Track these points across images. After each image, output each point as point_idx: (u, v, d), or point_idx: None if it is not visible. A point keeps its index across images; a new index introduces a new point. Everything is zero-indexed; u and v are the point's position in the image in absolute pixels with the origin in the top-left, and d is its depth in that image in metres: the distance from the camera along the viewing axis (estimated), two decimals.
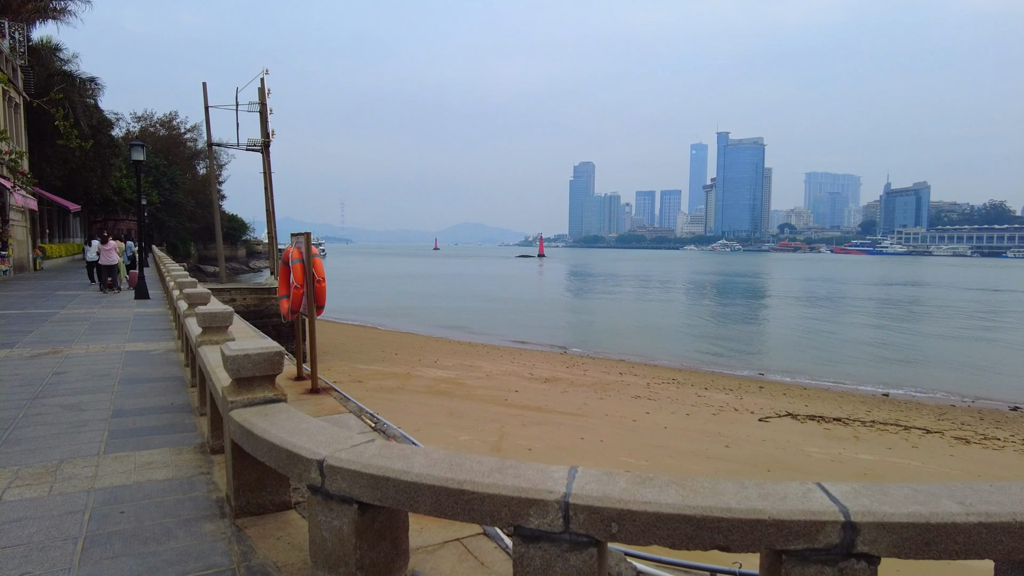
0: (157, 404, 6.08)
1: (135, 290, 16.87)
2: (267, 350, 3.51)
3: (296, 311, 6.77)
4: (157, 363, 8.19)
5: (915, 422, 17.26)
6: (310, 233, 6.52)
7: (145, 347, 9.39)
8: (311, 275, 6.55)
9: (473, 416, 16.06)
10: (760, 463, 13.09)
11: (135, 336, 10.48)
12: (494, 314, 43.38)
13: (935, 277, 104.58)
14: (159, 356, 8.70)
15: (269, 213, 26.62)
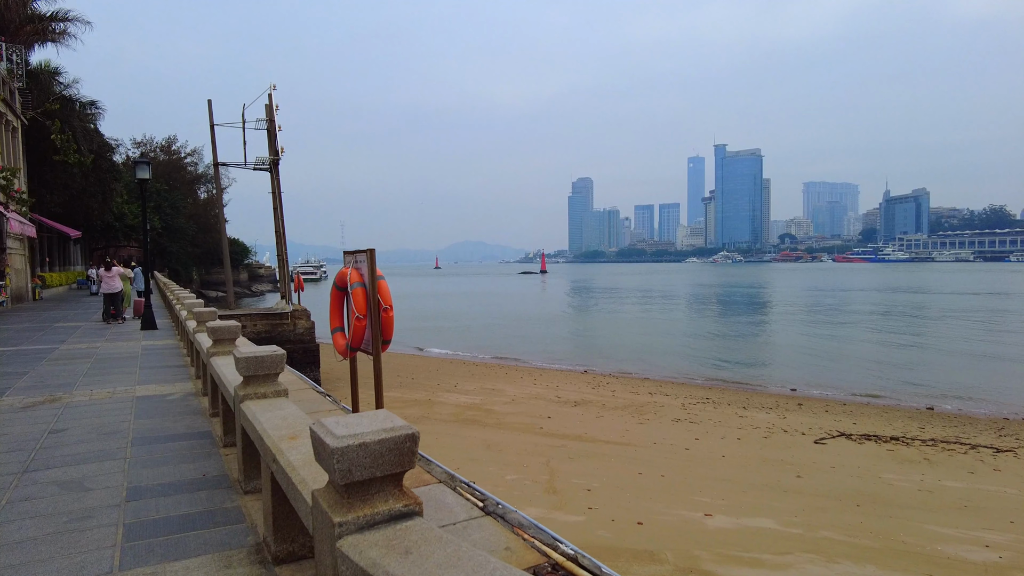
0: (184, 476, 4.64)
1: (141, 320, 15.48)
2: (393, 432, 2.11)
3: (357, 348, 5.37)
4: (175, 412, 6.76)
5: (976, 439, 16.30)
6: (374, 249, 5.14)
7: (159, 390, 7.96)
8: (375, 302, 5.15)
9: (512, 449, 14.64)
10: (844, 496, 11.74)
11: (146, 376, 9.04)
12: (503, 332, 42.57)
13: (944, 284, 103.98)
14: (177, 403, 7.27)
15: (279, 234, 25.29)
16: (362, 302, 5.13)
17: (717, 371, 27.01)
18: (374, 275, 5.14)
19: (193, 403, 7.24)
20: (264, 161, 24.81)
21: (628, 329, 43.96)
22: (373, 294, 5.13)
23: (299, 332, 25.10)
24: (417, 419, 18.10)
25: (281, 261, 25.31)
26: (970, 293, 77.02)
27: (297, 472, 2.74)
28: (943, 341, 34.00)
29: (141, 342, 13.14)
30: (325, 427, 2.18)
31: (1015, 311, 52.78)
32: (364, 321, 5.13)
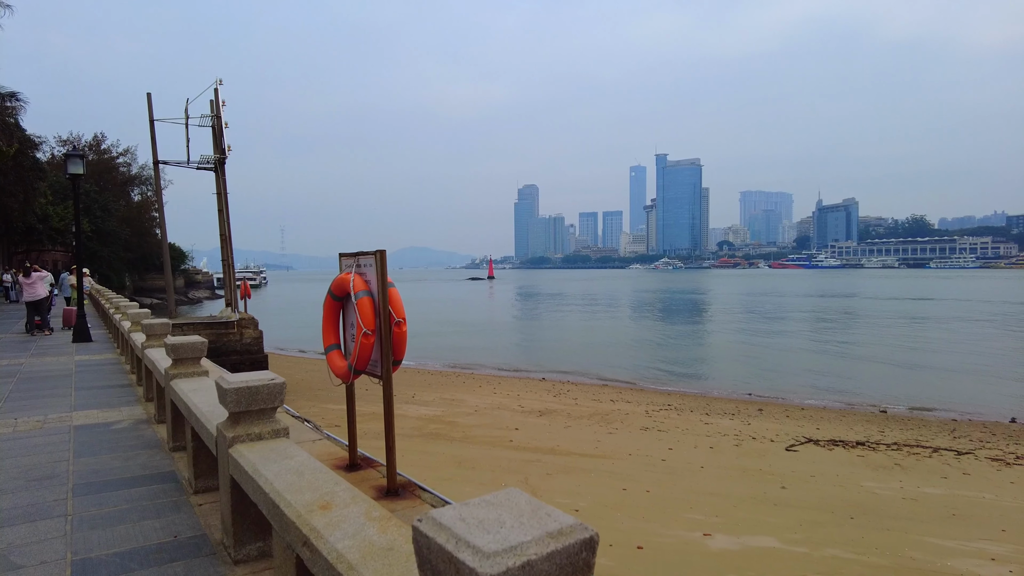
0: (149, 539, 3.59)
1: (73, 331, 13.87)
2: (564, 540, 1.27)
3: (362, 370, 4.42)
4: (126, 446, 5.62)
5: (935, 441, 16.70)
6: (384, 251, 4.22)
7: (102, 417, 6.74)
8: (386, 315, 4.23)
9: (485, 466, 13.79)
10: (834, 508, 11.45)
11: (85, 399, 7.75)
12: (454, 340, 41.74)
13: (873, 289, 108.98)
14: (126, 433, 6.10)
15: (225, 238, 23.63)
16: (370, 314, 4.20)
17: (670, 376, 27.04)
18: (385, 282, 4.23)
19: (147, 433, 6.08)
20: (209, 160, 23.16)
21: (578, 335, 43.89)
22: (384, 305, 4.21)
23: (246, 342, 23.52)
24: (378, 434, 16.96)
25: (227, 266, 23.66)
26: (897, 299, 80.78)
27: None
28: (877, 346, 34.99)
29: (74, 357, 11.63)
30: (454, 534, 1.31)
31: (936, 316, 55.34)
32: (373, 338, 4.21)
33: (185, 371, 5.40)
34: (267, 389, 3.35)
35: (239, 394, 3.26)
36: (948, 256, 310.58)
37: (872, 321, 50.41)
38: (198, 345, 5.46)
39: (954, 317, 51.87)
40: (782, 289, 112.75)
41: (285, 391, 3.43)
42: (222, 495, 3.45)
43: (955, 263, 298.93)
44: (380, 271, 4.26)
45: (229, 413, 3.34)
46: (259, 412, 3.37)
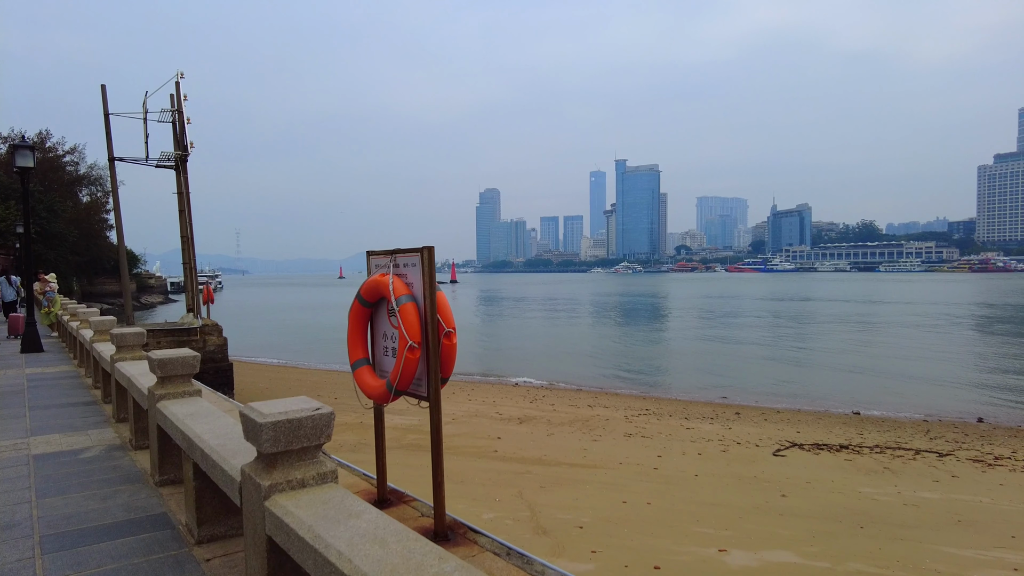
0: None
1: (22, 340, 12.59)
2: None
3: (403, 390, 3.67)
4: (101, 480, 4.73)
5: (914, 443, 17.02)
6: (432, 248, 3.50)
7: (67, 443, 5.79)
8: (435, 324, 3.50)
9: (475, 479, 13.11)
10: (840, 516, 11.18)
11: (43, 421, 6.74)
12: None
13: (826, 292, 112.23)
14: (98, 463, 5.19)
15: (186, 239, 22.30)
16: (416, 324, 3.46)
17: (639, 381, 26.91)
18: (433, 285, 3.50)
19: (123, 463, 5.18)
20: (170, 157, 21.82)
21: (545, 340, 43.67)
22: (432, 313, 3.49)
23: (210, 350, 22.23)
24: (356, 447, 16.21)
25: (189, 270, 22.32)
26: (850, 301, 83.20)
27: None
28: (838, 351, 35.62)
29: (24, 370, 10.45)
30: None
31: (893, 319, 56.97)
32: (419, 352, 3.48)
33: (175, 391, 4.56)
34: (311, 422, 2.61)
35: (278, 430, 2.51)
36: (896, 260, 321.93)
37: (831, 325, 51.47)
38: (189, 360, 4.62)
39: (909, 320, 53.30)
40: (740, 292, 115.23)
41: (333, 423, 2.69)
42: (253, 558, 2.67)
43: (903, 267, 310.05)
44: (427, 272, 3.53)
45: (262, 453, 2.58)
46: (301, 452, 2.62)
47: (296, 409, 2.62)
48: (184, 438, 3.69)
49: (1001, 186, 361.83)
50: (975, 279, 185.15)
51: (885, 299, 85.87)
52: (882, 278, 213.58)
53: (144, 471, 4.98)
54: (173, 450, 4.61)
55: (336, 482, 2.68)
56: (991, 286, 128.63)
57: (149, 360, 4.59)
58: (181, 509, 4.11)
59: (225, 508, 3.60)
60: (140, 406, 5.43)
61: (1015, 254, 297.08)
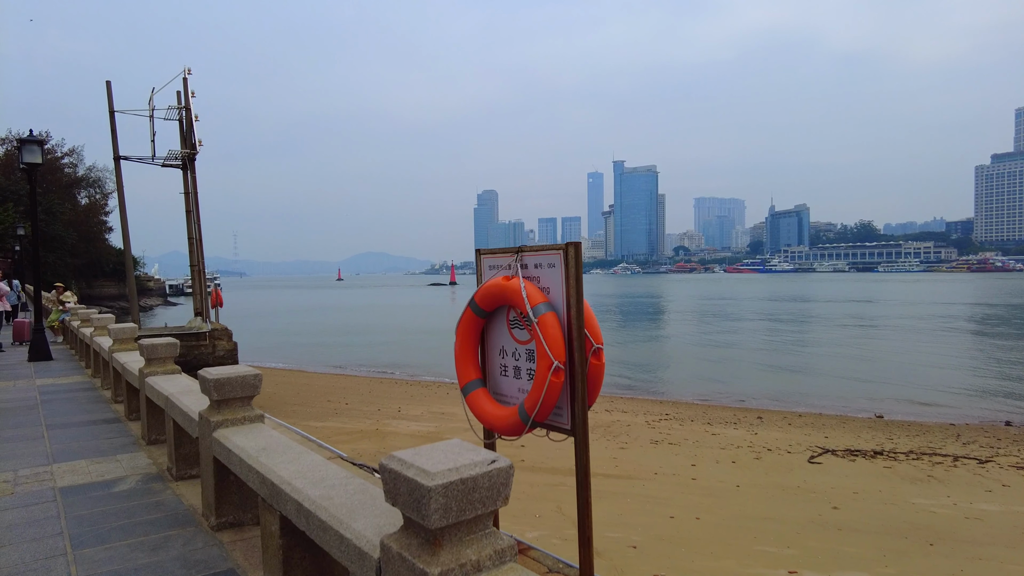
0: None
1: (30, 348, 11.81)
2: None
3: (541, 421, 2.94)
4: (145, 523, 3.98)
5: (948, 448, 16.35)
6: (580, 243, 2.77)
7: (95, 472, 5.03)
8: (581, 340, 2.77)
9: None
10: (904, 531, 10.45)
11: (64, 443, 5.97)
12: (422, 347, 40.24)
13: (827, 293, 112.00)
14: (136, 499, 4.44)
15: (194, 241, 21.52)
16: (559, 339, 2.74)
17: (648, 384, 26.22)
18: (580, 291, 2.78)
19: (166, 498, 4.42)
20: (177, 155, 21.05)
21: None
22: (579, 325, 2.76)
23: (219, 355, 21.45)
24: (374, 455, 15.42)
25: (199, 272, 21.54)
26: (851, 301, 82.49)
27: None
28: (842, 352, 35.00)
29: (35, 380, 9.67)
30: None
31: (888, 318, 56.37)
32: (564, 374, 2.75)
33: (234, 416, 3.81)
34: (487, 480, 1.87)
35: (451, 495, 1.76)
36: (895, 260, 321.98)
37: (835, 326, 50.97)
38: (251, 380, 3.88)
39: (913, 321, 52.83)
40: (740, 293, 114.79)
41: (512, 479, 1.95)
42: None
43: (901, 267, 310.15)
44: (573, 275, 2.80)
45: (427, 527, 1.84)
46: (473, 522, 1.89)
47: (466, 463, 1.88)
48: (264, 483, 2.95)
49: (999, 186, 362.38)
50: (974, 279, 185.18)
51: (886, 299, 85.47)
52: (881, 278, 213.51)
53: (192, 509, 4.23)
54: (232, 486, 3.87)
55: (515, 560, 1.95)
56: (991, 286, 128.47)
57: (202, 380, 3.85)
58: (251, 563, 3.36)
59: (322, 571, 2.86)
60: (183, 430, 4.68)
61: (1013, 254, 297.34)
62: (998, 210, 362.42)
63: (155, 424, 5.88)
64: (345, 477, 2.79)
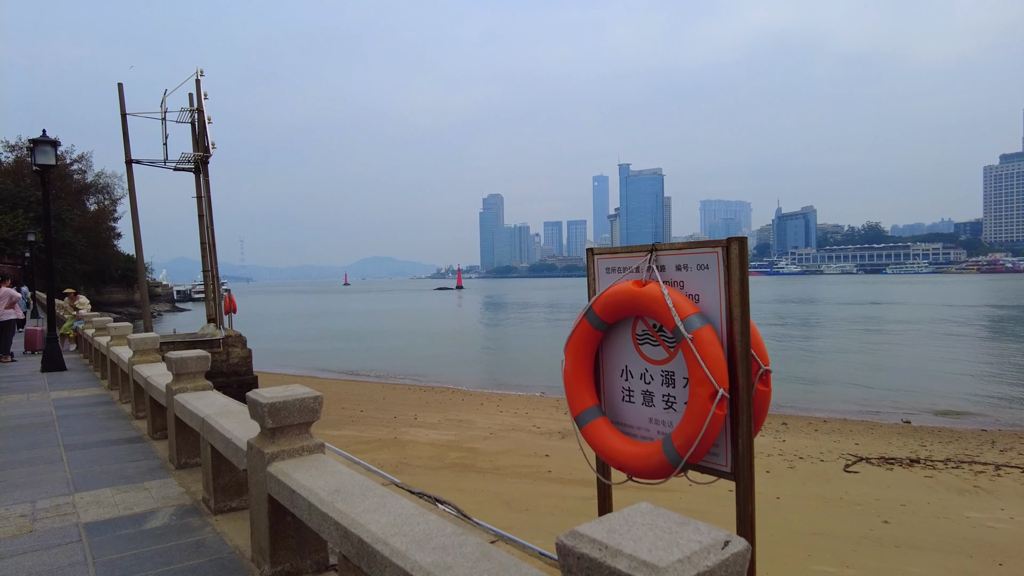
0: None
1: (43, 358, 11.28)
2: None
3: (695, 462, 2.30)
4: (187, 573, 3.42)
5: (986, 456, 15.78)
6: (745, 239, 2.18)
7: (122, 503, 4.47)
8: (747, 362, 2.16)
9: (540, 506, 11.72)
10: (966, 549, 9.81)
11: (85, 468, 5.41)
12: (432, 352, 39.86)
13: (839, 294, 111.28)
14: (172, 537, 3.87)
15: (207, 246, 21.00)
16: (720, 360, 2.16)
17: None
18: (746, 299, 2.20)
19: (207, 537, 3.84)
20: (190, 159, 20.56)
21: (557, 346, 42.80)
22: (745, 343, 2.18)
23: (234, 362, 20.92)
24: (396, 466, 14.84)
25: (212, 278, 21.02)
26: (863, 303, 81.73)
27: None
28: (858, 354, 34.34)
29: (49, 393, 9.13)
30: None
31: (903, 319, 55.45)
32: (726, 403, 2.17)
33: (292, 447, 3.24)
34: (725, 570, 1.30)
35: None
36: (903, 262, 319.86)
37: (849, 329, 50.37)
38: (309, 404, 3.31)
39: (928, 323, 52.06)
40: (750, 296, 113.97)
41: None
42: None
43: (910, 268, 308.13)
44: (737, 280, 2.23)
45: None
46: None
47: (695, 548, 1.31)
48: (347, 538, 2.37)
49: (1008, 186, 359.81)
50: (985, 280, 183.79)
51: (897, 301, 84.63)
52: (891, 280, 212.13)
53: (239, 552, 3.65)
54: (290, 528, 3.30)
55: None
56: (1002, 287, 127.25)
57: (253, 404, 3.28)
58: None
59: None
60: (223, 457, 4.11)
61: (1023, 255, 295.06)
62: (1007, 210, 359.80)
63: (186, 447, 5.32)
64: (454, 534, 2.22)
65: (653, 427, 2.59)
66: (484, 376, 30.20)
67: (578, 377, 2.72)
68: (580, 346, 2.70)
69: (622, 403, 2.72)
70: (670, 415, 2.49)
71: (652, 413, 2.58)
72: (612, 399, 2.77)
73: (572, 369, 2.74)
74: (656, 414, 2.57)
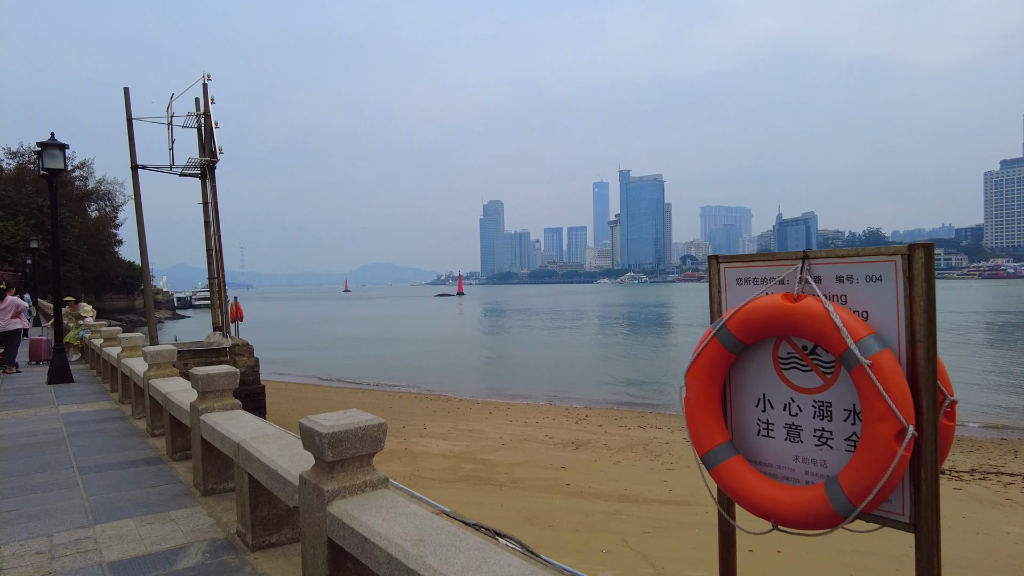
0: None
1: (49, 369, 10.85)
2: None
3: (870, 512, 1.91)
4: None
5: (1011, 467, 15.52)
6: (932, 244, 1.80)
7: (148, 536, 4.05)
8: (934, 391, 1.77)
9: (563, 521, 11.27)
10: (1021, 569, 9.35)
11: (103, 494, 4.99)
12: (435, 359, 39.47)
13: None
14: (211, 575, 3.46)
15: (213, 252, 20.62)
16: (903, 391, 1.76)
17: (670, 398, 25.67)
18: (932, 318, 1.79)
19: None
20: (196, 164, 20.19)
21: (566, 353, 42.20)
22: (931, 370, 1.78)
23: (241, 371, 20.46)
24: (409, 478, 14.38)
25: (219, 285, 20.61)
26: None
27: None
28: None
29: (57, 407, 8.70)
30: None
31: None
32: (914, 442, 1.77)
33: (352, 483, 2.82)
34: None
35: None
36: None
37: None
38: (373, 432, 2.90)
39: None
40: None
41: None
42: None
43: None
44: (922, 295, 1.82)
45: None
46: None
47: None
48: None
49: (1008, 192, 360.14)
50: (987, 286, 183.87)
51: None
52: None
53: None
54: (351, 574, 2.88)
55: None
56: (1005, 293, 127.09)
57: (309, 433, 2.86)
58: None
59: None
60: (263, 487, 3.70)
61: None
62: (1008, 216, 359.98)
63: (213, 471, 4.90)
64: None
65: (799, 466, 2.18)
66: (489, 384, 29.79)
67: (705, 408, 2.31)
68: (708, 371, 2.29)
69: (756, 437, 2.32)
70: (823, 453, 2.08)
71: (798, 450, 2.18)
72: (744, 433, 2.37)
73: (697, 398, 2.33)
74: (804, 451, 2.17)
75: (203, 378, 4.94)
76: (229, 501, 4.71)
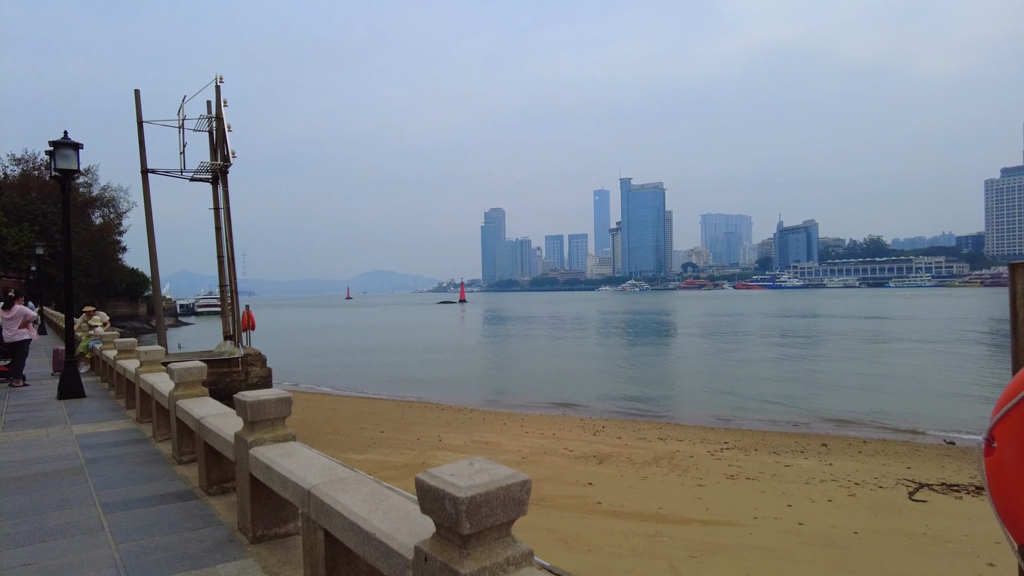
0: None
1: (59, 383, 10.14)
2: None
3: None
4: None
5: None
6: None
7: None
8: None
9: (602, 546, 10.59)
10: None
11: (132, 538, 4.27)
12: (442, 367, 38.97)
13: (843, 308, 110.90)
14: None
15: (225, 259, 19.97)
16: None
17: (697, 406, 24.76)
18: None
19: None
20: (207, 168, 19.57)
21: (573, 362, 41.70)
22: None
23: (253, 381, 19.86)
24: None
25: (231, 293, 19.94)
26: (870, 317, 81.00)
27: None
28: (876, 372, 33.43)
29: (71, 428, 7.98)
30: None
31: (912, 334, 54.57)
32: None
33: (496, 560, 2.12)
34: None
35: None
36: (906, 275, 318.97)
37: (860, 344, 49.48)
38: (515, 493, 2.20)
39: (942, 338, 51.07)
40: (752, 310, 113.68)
41: None
42: None
43: (913, 282, 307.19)
44: None
45: None
46: None
47: None
48: None
49: (1009, 200, 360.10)
50: (989, 293, 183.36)
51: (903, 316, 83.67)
52: (894, 294, 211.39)
53: None
54: None
55: None
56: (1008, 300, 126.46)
57: (440, 495, 2.15)
58: None
59: None
60: (339, 543, 3.00)
61: None
62: (1009, 223, 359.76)
63: (264, 514, 4.18)
64: None
65: None
66: (498, 393, 29.11)
67: None
68: None
69: None
70: None
71: None
72: None
73: (1018, 462, 1.64)
74: None
75: (252, 405, 4.23)
76: (284, 552, 4.00)
